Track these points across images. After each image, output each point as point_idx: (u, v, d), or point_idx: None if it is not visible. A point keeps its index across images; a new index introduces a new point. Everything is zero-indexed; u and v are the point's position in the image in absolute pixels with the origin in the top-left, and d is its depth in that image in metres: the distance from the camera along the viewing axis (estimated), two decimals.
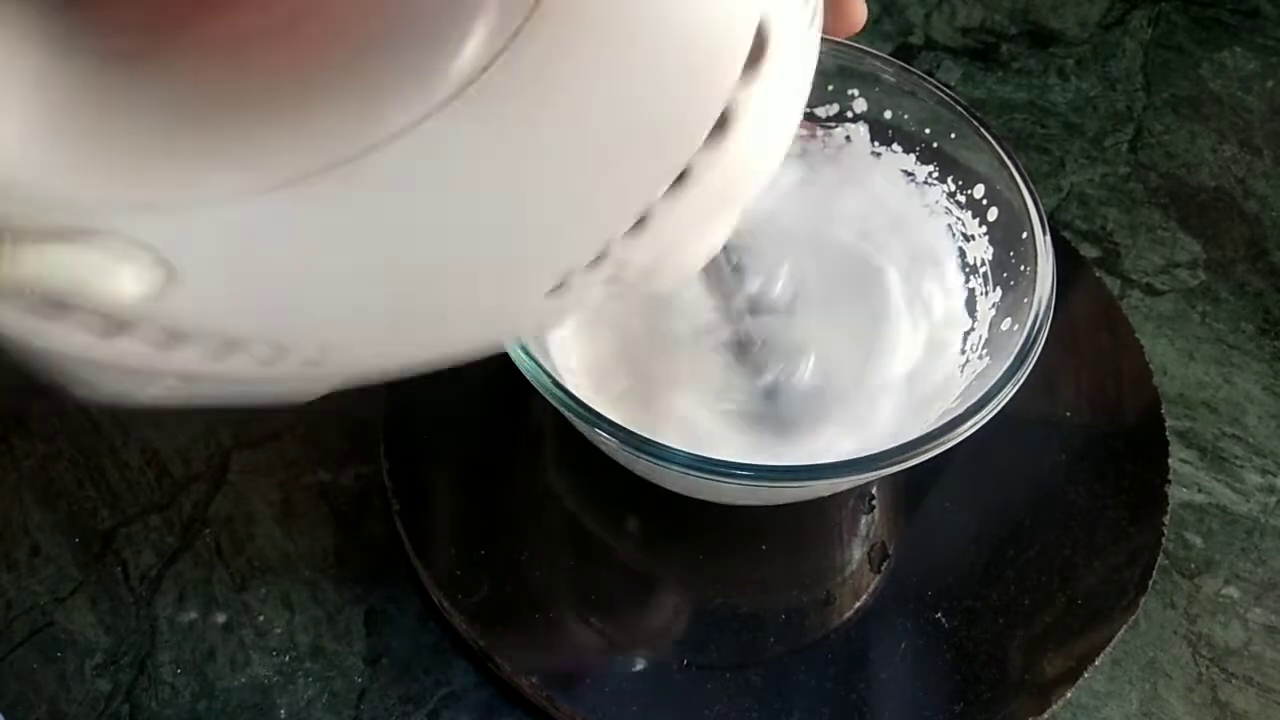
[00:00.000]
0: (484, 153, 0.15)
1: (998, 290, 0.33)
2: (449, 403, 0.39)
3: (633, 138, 0.16)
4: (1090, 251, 0.46)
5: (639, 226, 0.17)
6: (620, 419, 0.28)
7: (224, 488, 0.39)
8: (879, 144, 0.37)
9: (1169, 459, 0.38)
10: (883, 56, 0.35)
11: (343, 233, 0.16)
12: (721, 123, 0.16)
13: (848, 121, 0.37)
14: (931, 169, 0.36)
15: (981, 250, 0.34)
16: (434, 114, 0.14)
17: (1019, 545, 0.36)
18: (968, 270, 0.35)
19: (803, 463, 0.28)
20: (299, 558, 0.37)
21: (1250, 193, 0.49)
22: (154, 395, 0.18)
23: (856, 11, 0.35)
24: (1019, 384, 0.28)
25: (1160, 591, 0.37)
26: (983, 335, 0.33)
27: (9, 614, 0.36)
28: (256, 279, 0.16)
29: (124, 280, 0.15)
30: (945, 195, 0.35)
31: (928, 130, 0.35)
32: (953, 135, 0.34)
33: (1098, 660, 0.33)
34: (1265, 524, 0.39)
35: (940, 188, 0.36)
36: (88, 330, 0.16)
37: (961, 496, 0.37)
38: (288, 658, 0.35)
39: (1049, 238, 0.31)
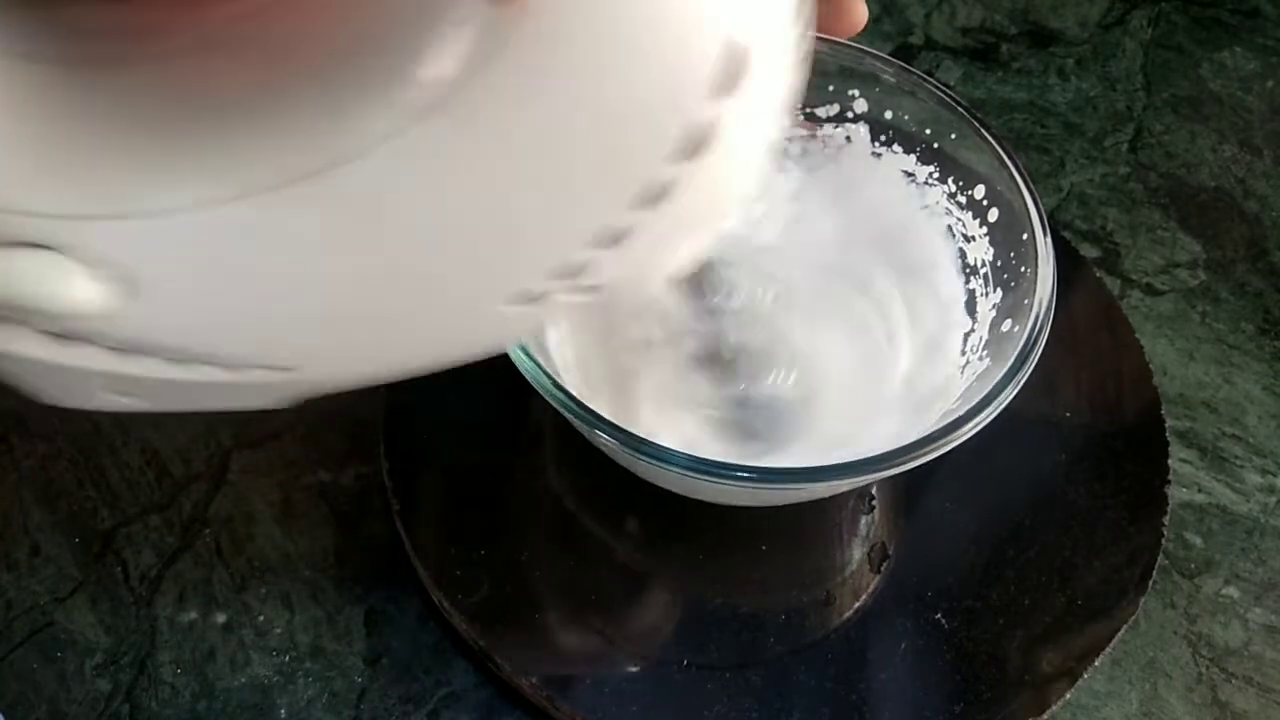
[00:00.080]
0: (453, 166, 0.15)
1: (998, 291, 0.33)
2: (449, 403, 0.39)
3: (605, 154, 0.16)
4: (1090, 251, 0.46)
5: (613, 240, 0.17)
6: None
7: (224, 488, 0.39)
8: (879, 144, 0.37)
9: (1169, 459, 0.38)
10: (883, 56, 0.35)
11: (307, 245, 0.16)
12: (696, 140, 0.16)
13: (848, 122, 0.37)
14: (932, 169, 0.36)
15: (982, 251, 0.34)
16: (402, 127, 0.14)
17: (1019, 545, 0.36)
18: (968, 271, 0.35)
19: (802, 465, 0.28)
20: (299, 558, 0.37)
21: (1250, 193, 0.49)
22: (112, 403, 0.18)
23: (857, 12, 0.35)
24: (1019, 385, 0.28)
25: (1160, 591, 0.37)
26: (983, 336, 0.33)
27: (9, 614, 0.36)
28: (219, 291, 0.16)
29: (78, 291, 0.15)
30: (946, 196, 0.35)
31: (928, 131, 0.35)
32: (953, 136, 0.34)
33: (1098, 660, 0.33)
34: (1265, 524, 0.39)
35: (940, 188, 0.35)
36: (42, 338, 0.16)
37: (961, 496, 0.37)
38: (288, 658, 0.35)
39: (1049, 239, 0.31)
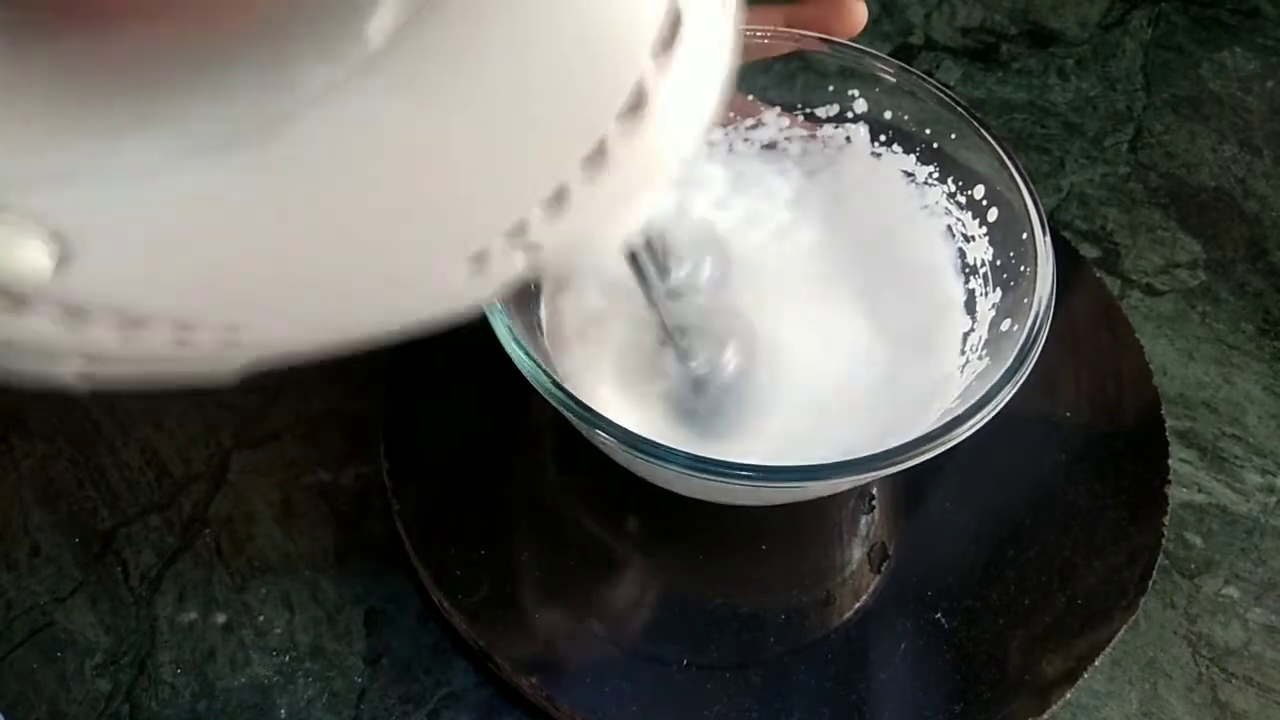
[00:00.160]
0: (393, 122, 0.15)
1: (998, 291, 0.33)
2: (449, 403, 0.39)
3: (544, 110, 0.16)
4: (1090, 251, 0.46)
5: (557, 201, 0.17)
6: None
7: (224, 488, 0.39)
8: (879, 145, 0.37)
9: (1169, 459, 0.38)
10: (883, 57, 0.35)
11: (249, 205, 0.16)
12: (636, 102, 0.16)
13: (848, 122, 0.37)
14: (932, 169, 0.36)
15: (981, 251, 0.34)
16: (340, 84, 0.14)
17: (1019, 545, 0.36)
18: (967, 271, 0.35)
19: (801, 464, 0.28)
20: (299, 558, 0.37)
21: (1250, 193, 0.49)
22: (68, 375, 0.18)
23: (857, 12, 0.35)
24: (1019, 385, 0.28)
25: (1160, 591, 0.37)
26: (982, 336, 0.33)
27: (9, 614, 0.36)
28: (160, 254, 0.16)
29: (19, 256, 0.15)
30: (945, 196, 0.35)
31: (928, 131, 0.35)
32: (953, 136, 0.34)
33: (1098, 660, 0.33)
34: (1265, 524, 0.39)
35: (940, 188, 0.36)
36: None
37: (961, 496, 0.37)
38: (288, 658, 0.35)
39: (1049, 238, 0.31)
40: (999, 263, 0.33)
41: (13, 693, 0.35)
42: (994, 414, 0.28)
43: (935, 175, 0.36)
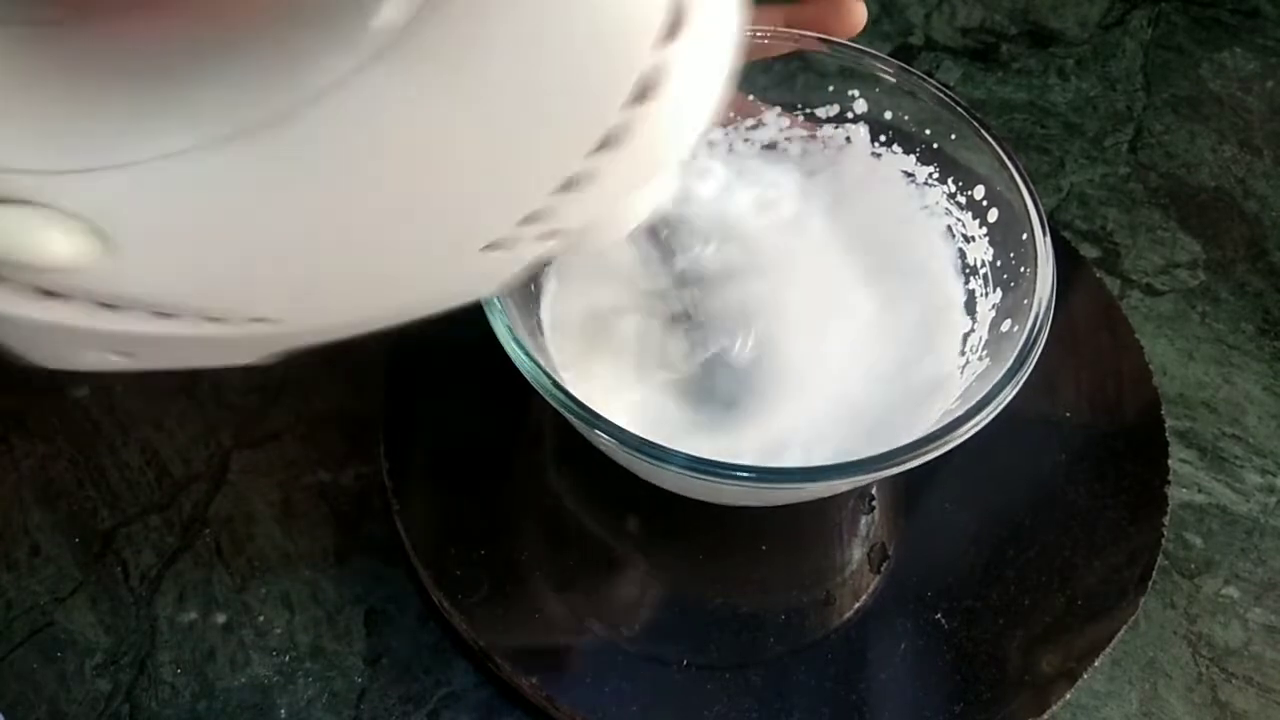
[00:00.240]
0: (409, 110, 0.15)
1: (998, 291, 0.33)
2: (449, 403, 0.39)
3: (555, 100, 0.16)
4: (1090, 251, 0.46)
5: (572, 185, 0.18)
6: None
7: (224, 488, 0.39)
8: (879, 145, 0.37)
9: (1169, 459, 0.38)
10: (882, 57, 0.35)
11: (269, 192, 0.16)
12: (647, 85, 0.16)
13: (848, 122, 0.37)
14: (932, 170, 0.36)
15: (981, 251, 0.34)
16: (358, 71, 0.14)
17: (1019, 545, 0.36)
18: (967, 272, 0.35)
19: (801, 464, 0.28)
20: (299, 558, 0.37)
21: (1250, 193, 0.49)
22: (100, 361, 0.18)
23: (857, 12, 0.35)
24: (1019, 385, 0.28)
25: (1160, 591, 0.37)
26: (982, 336, 0.33)
27: (9, 614, 0.36)
28: (192, 240, 0.16)
29: (56, 245, 0.15)
30: (945, 196, 0.35)
31: (928, 131, 0.35)
32: (953, 136, 0.34)
33: (1097, 660, 0.33)
34: (1265, 524, 0.39)
35: (940, 189, 0.36)
36: (24, 294, 0.16)
37: (961, 496, 0.37)
38: (288, 658, 0.35)
39: (1049, 239, 0.31)
40: (999, 263, 0.33)
41: (13, 693, 0.35)
42: (994, 415, 0.28)
43: (935, 176, 0.36)
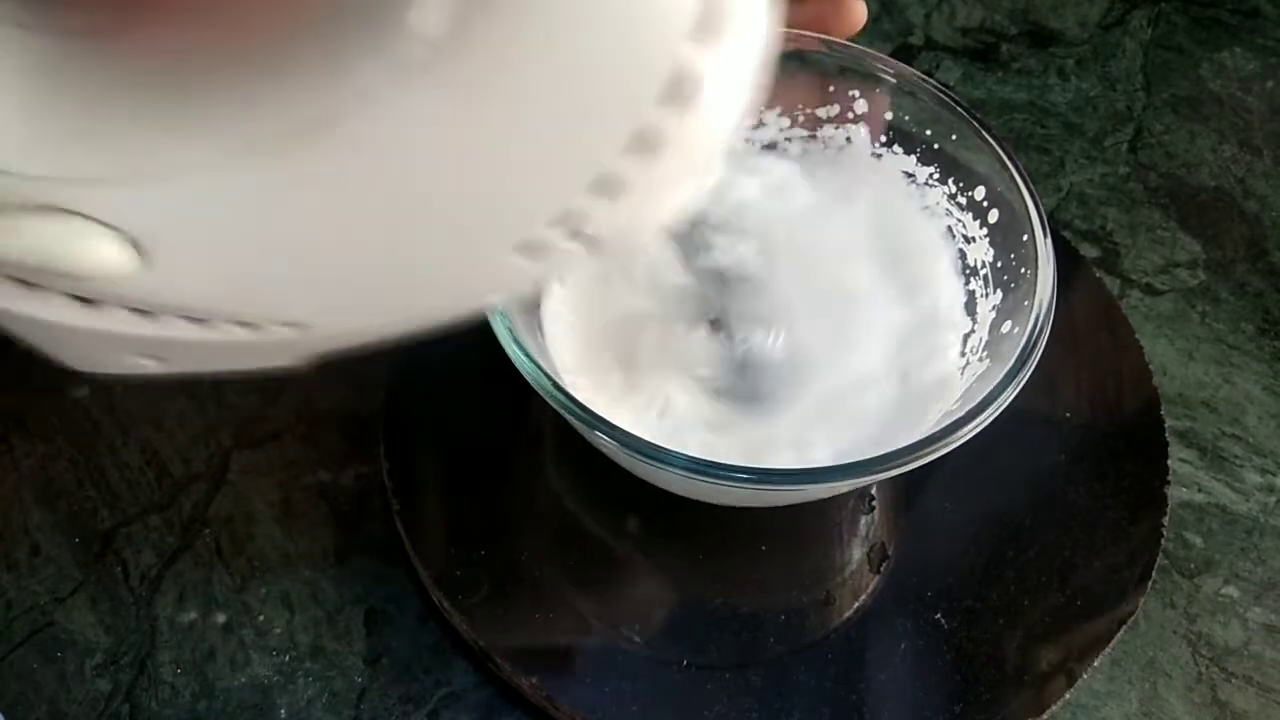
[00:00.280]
0: (447, 117, 0.15)
1: (998, 293, 0.33)
2: (449, 403, 0.39)
3: (588, 99, 0.16)
4: (1090, 251, 0.46)
5: (607, 187, 0.18)
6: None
7: (224, 488, 0.39)
8: (879, 145, 0.37)
9: (1169, 459, 0.38)
10: (883, 57, 0.35)
11: (308, 201, 0.16)
12: (678, 83, 0.16)
13: (848, 123, 0.37)
14: (932, 170, 0.36)
15: (982, 252, 0.34)
16: (396, 77, 0.15)
17: (1019, 545, 0.36)
18: (968, 272, 0.35)
19: (801, 466, 0.28)
20: (299, 558, 0.37)
21: (1250, 193, 0.49)
22: (133, 365, 0.19)
23: (856, 11, 0.35)
24: (1019, 387, 0.28)
25: (1160, 591, 0.37)
26: (983, 338, 0.33)
27: (9, 614, 0.36)
28: (232, 248, 0.16)
29: (97, 253, 0.15)
30: (946, 197, 0.35)
31: (929, 131, 0.35)
32: (954, 136, 0.34)
33: (1097, 660, 0.33)
34: (1265, 524, 0.39)
35: (941, 189, 0.35)
36: (66, 301, 0.16)
37: (961, 496, 0.37)
38: (288, 658, 0.35)
39: (1050, 240, 0.31)
40: (999, 264, 0.33)
41: (13, 693, 0.35)
42: (994, 416, 0.28)
43: (936, 176, 0.36)
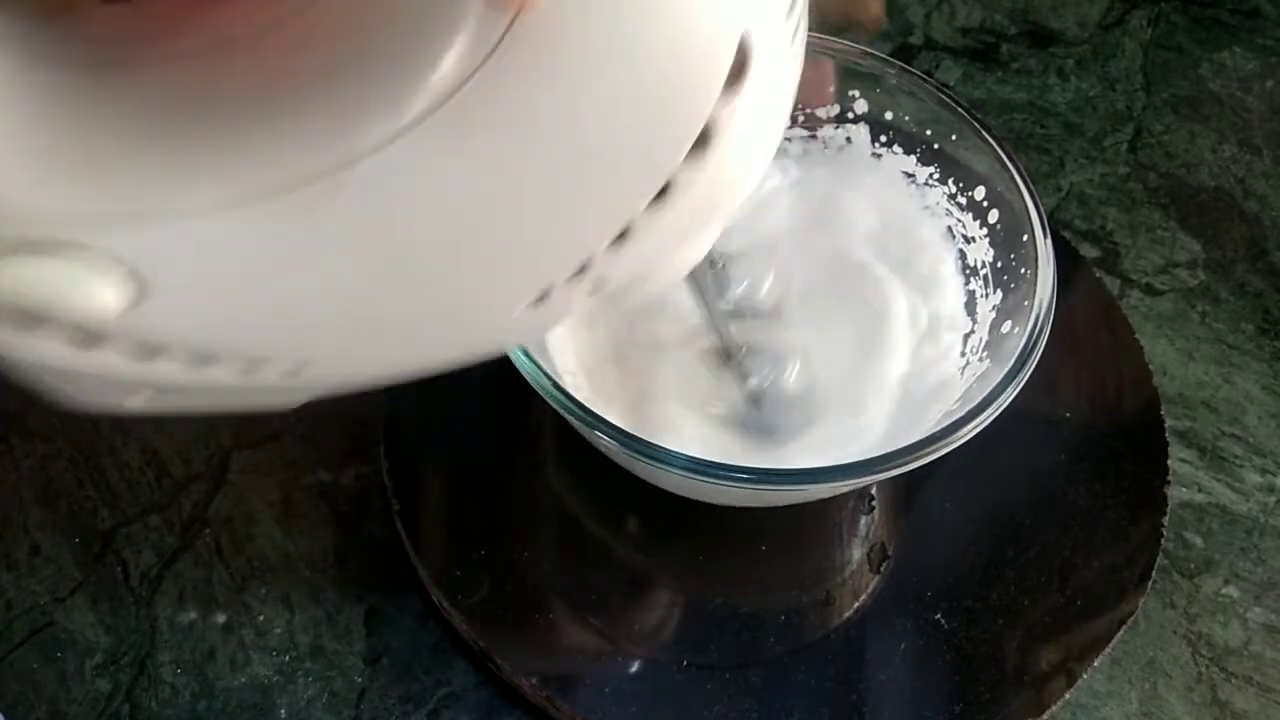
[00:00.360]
0: (460, 169, 0.15)
1: (998, 293, 0.33)
2: (449, 403, 0.39)
3: (611, 155, 0.16)
4: (1090, 251, 0.46)
5: (621, 240, 0.17)
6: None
7: (224, 488, 0.39)
8: (879, 145, 0.37)
9: (1168, 459, 0.38)
10: (883, 57, 0.35)
11: (317, 247, 0.16)
12: (703, 139, 0.16)
13: (848, 123, 0.37)
14: (932, 170, 0.36)
15: (982, 252, 0.34)
16: (409, 129, 0.14)
17: (1019, 545, 0.36)
18: (968, 272, 0.35)
19: (802, 466, 0.28)
20: (299, 558, 0.37)
21: (1250, 193, 0.49)
22: (136, 406, 0.18)
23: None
24: (1019, 387, 0.28)
25: (1160, 591, 0.37)
26: (983, 338, 0.33)
27: (9, 614, 0.36)
28: (231, 293, 0.16)
29: (96, 294, 0.15)
30: (946, 197, 0.35)
31: (929, 131, 0.35)
32: (954, 137, 0.34)
33: (1097, 660, 0.33)
34: (1265, 524, 0.39)
35: (941, 189, 0.35)
36: (63, 342, 0.16)
37: (961, 496, 0.37)
38: (288, 658, 0.35)
39: (1050, 241, 0.31)
40: (999, 264, 0.33)
41: (13, 693, 0.35)
42: (994, 416, 0.28)
43: (936, 176, 0.36)
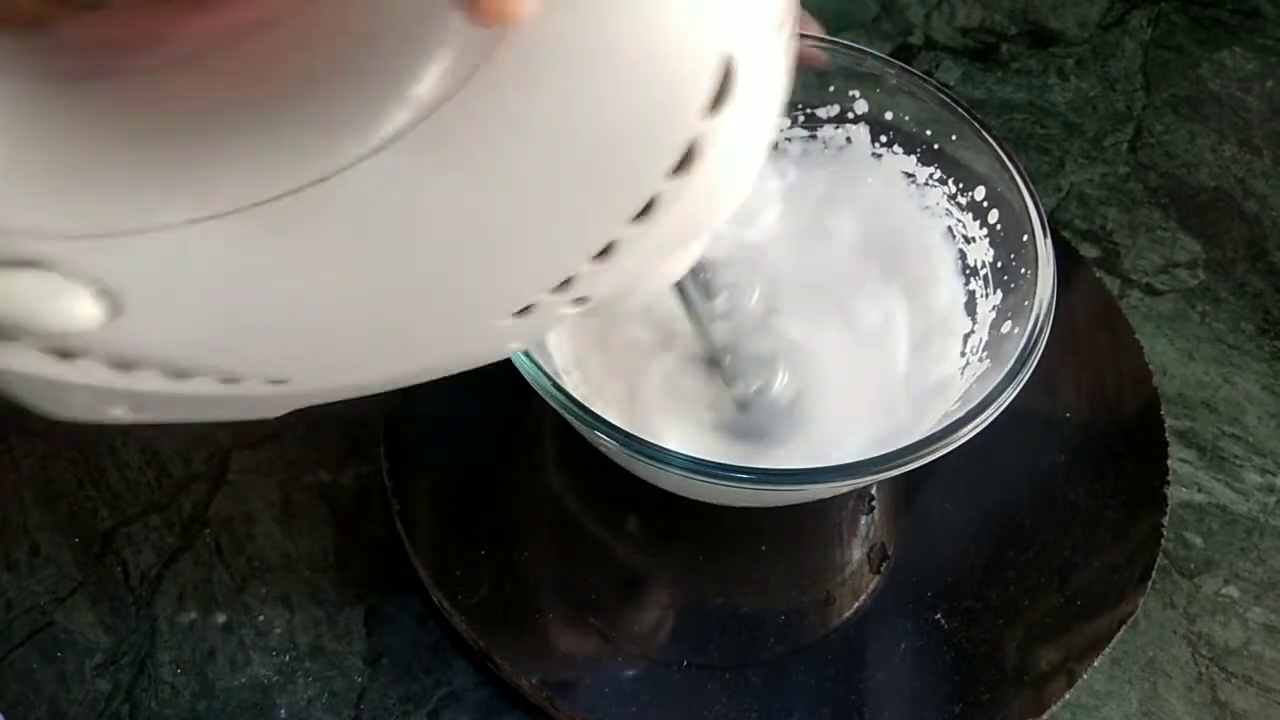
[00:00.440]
0: (440, 184, 0.15)
1: (998, 293, 0.33)
2: (449, 403, 0.39)
3: (594, 171, 0.16)
4: (1090, 251, 0.46)
5: (605, 254, 0.17)
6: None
7: (224, 488, 0.39)
8: (879, 145, 0.37)
9: (1168, 459, 0.38)
10: (883, 57, 0.35)
11: (293, 260, 0.16)
12: (688, 156, 0.16)
13: (848, 123, 0.37)
14: (933, 170, 0.36)
15: (982, 253, 0.34)
16: (388, 145, 0.14)
17: (1019, 545, 0.36)
18: (968, 272, 0.35)
19: (802, 466, 0.28)
20: (299, 558, 0.37)
21: (1250, 193, 0.49)
22: (119, 416, 0.18)
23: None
24: (1019, 387, 0.28)
25: (1160, 591, 0.37)
26: (983, 338, 0.33)
27: (9, 614, 0.36)
28: (208, 306, 0.16)
29: (67, 310, 0.15)
30: (946, 197, 0.35)
31: (929, 132, 0.35)
32: (954, 137, 0.34)
33: (1097, 660, 0.33)
34: (1265, 524, 0.39)
35: (941, 190, 0.35)
36: (39, 355, 0.16)
37: (961, 496, 0.37)
38: (288, 658, 0.35)
39: (1050, 241, 0.31)
40: (1000, 265, 0.33)
41: (13, 693, 0.35)
42: (994, 417, 0.28)
43: (936, 176, 0.36)
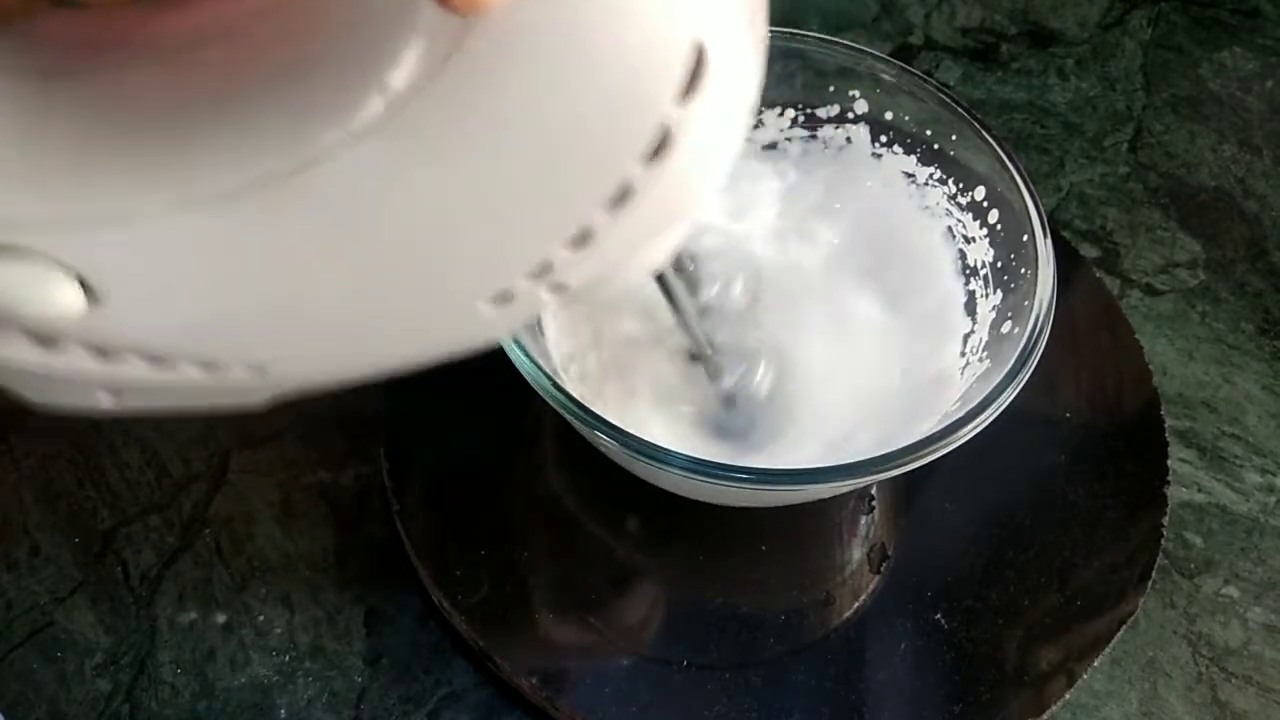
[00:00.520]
0: (415, 172, 0.15)
1: (998, 293, 0.33)
2: (449, 403, 0.39)
3: (566, 157, 0.16)
4: (1090, 251, 0.46)
5: (582, 241, 0.18)
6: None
7: (224, 488, 0.39)
8: (879, 145, 0.37)
9: (1168, 459, 0.38)
10: (883, 57, 0.35)
11: (270, 250, 0.16)
12: (662, 142, 0.16)
13: (848, 123, 0.37)
14: (933, 170, 0.36)
15: (982, 253, 0.34)
16: (365, 134, 0.14)
17: (1019, 545, 0.36)
18: (968, 273, 0.35)
19: (801, 466, 0.28)
20: (299, 558, 0.37)
21: (1250, 193, 0.49)
22: (106, 405, 0.19)
23: None
24: (1019, 388, 0.28)
25: (1160, 591, 0.37)
26: (983, 338, 0.33)
27: (9, 614, 0.36)
28: (190, 293, 0.16)
29: (45, 298, 0.15)
30: (946, 198, 0.35)
31: (929, 132, 0.35)
32: (954, 137, 0.34)
33: (1097, 660, 0.33)
34: (1265, 524, 0.39)
35: (941, 190, 0.35)
36: (23, 344, 0.16)
37: (961, 496, 0.37)
38: (288, 658, 0.35)
39: (1050, 241, 0.31)
40: (999, 265, 0.33)
41: (13, 693, 0.35)
42: (994, 416, 0.28)
43: (936, 176, 0.36)
